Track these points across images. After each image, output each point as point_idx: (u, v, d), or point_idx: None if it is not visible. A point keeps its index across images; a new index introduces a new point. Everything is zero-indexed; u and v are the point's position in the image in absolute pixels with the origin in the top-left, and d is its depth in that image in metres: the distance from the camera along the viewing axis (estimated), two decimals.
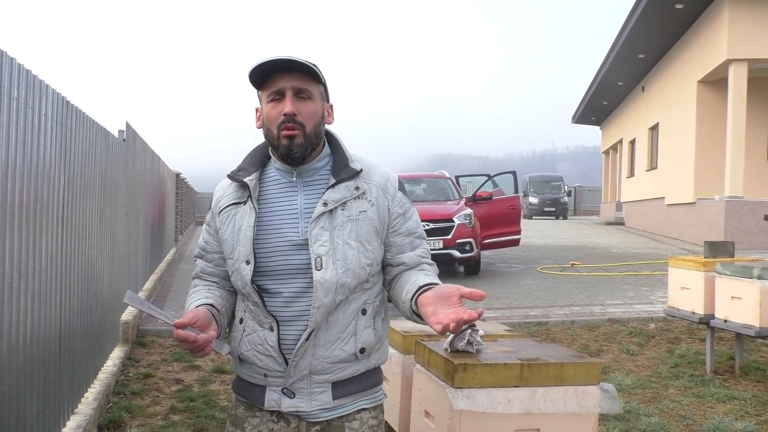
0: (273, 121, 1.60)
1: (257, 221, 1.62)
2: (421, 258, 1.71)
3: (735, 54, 12.94)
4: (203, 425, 3.96)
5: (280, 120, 1.58)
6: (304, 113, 1.60)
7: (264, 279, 1.60)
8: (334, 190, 1.61)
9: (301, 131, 1.59)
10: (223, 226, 1.67)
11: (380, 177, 1.68)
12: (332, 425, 1.63)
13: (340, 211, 1.60)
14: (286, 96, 1.59)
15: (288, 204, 1.64)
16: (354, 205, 1.62)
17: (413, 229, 1.71)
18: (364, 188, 1.64)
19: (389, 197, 1.67)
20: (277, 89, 1.59)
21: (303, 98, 1.60)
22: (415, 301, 1.56)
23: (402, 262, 1.69)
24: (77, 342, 3.61)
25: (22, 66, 2.53)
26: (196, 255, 1.78)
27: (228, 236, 1.65)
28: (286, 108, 1.57)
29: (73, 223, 3.47)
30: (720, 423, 4.00)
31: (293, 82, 1.59)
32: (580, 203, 37.26)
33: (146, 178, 7.48)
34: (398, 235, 1.69)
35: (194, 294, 1.70)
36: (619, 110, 24.64)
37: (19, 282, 2.54)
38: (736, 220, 12.89)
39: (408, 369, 2.95)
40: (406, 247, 1.69)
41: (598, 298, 7.99)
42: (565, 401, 2.38)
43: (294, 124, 1.58)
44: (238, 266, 1.62)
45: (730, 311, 4.71)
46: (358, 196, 1.62)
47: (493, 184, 11.74)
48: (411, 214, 1.72)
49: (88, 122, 3.83)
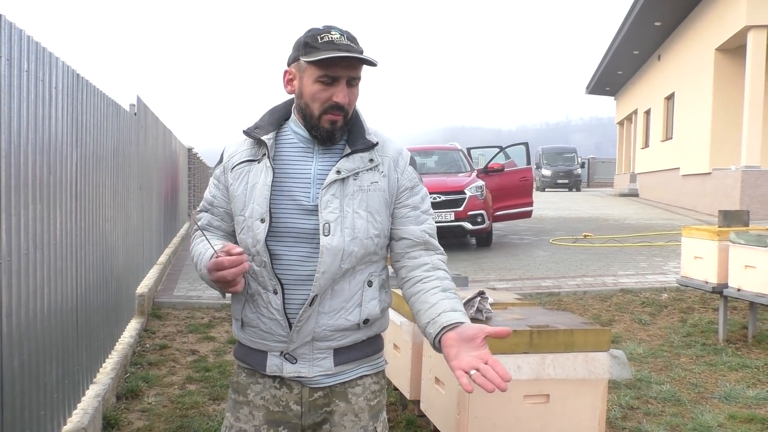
0: (319, 101, 1.59)
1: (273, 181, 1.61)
2: (425, 235, 1.69)
3: (754, 20, 12.66)
4: (219, 394, 4.03)
5: (328, 105, 1.59)
6: (353, 102, 1.63)
7: (271, 240, 1.61)
8: (349, 159, 1.62)
9: (343, 116, 1.61)
10: (235, 183, 1.66)
11: (394, 151, 1.69)
12: (335, 391, 1.65)
13: (352, 181, 1.61)
14: (339, 83, 1.58)
15: (302, 168, 1.64)
16: (366, 176, 1.62)
17: (418, 204, 1.70)
18: (378, 161, 1.65)
19: (399, 170, 1.68)
20: (335, 75, 1.57)
21: (352, 85, 1.61)
22: (439, 340, 1.54)
23: (406, 237, 1.67)
24: (93, 314, 3.67)
25: (32, 38, 2.53)
26: (200, 208, 1.77)
27: (240, 192, 1.65)
28: (341, 98, 1.58)
29: (86, 196, 3.51)
30: (731, 390, 4.01)
31: (351, 72, 1.58)
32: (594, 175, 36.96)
33: (158, 152, 7.51)
34: (403, 207, 1.69)
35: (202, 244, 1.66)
36: (634, 80, 24.27)
37: (35, 254, 2.58)
38: (752, 189, 12.74)
39: (418, 337, 2.98)
40: (411, 220, 1.69)
41: (610, 269, 7.97)
42: (574, 367, 2.40)
43: (342, 111, 1.60)
44: (251, 224, 1.61)
45: (743, 280, 4.68)
46: (371, 168, 1.63)
47: (505, 156, 11.66)
48: (419, 189, 1.72)
49: (99, 96, 3.84)
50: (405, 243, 1.69)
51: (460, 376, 1.43)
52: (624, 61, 22.17)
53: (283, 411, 1.65)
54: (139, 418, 3.68)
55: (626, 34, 18.75)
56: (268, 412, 1.66)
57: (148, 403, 3.88)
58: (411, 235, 1.68)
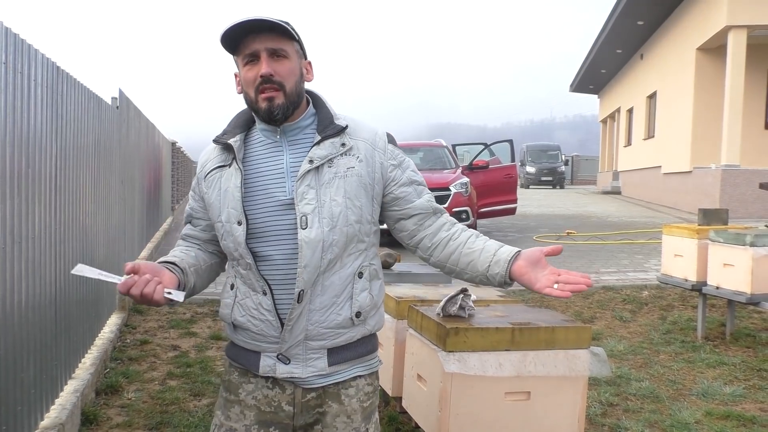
0: (250, 84, 1.58)
1: (243, 182, 1.60)
2: (432, 203, 1.71)
3: (734, 20, 12.81)
4: (200, 390, 4.01)
5: (258, 82, 1.56)
6: (282, 72, 1.57)
7: (254, 241, 1.59)
8: (320, 147, 1.59)
9: (281, 91, 1.57)
10: (209, 191, 1.65)
11: (368, 133, 1.66)
12: (328, 392, 1.63)
13: (326, 168, 1.58)
14: (261, 58, 1.56)
15: (274, 164, 1.62)
16: (341, 162, 1.60)
17: (413, 177, 1.70)
18: (351, 144, 1.62)
19: (380, 151, 1.65)
20: (251, 51, 1.56)
21: (279, 57, 1.57)
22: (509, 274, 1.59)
23: (416, 212, 1.68)
24: (73, 309, 3.63)
25: (9, 29, 2.49)
26: (184, 221, 1.78)
27: (215, 199, 1.64)
28: (262, 69, 1.55)
29: (66, 190, 3.46)
30: (709, 387, 4.06)
31: (266, 42, 1.56)
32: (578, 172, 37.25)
33: (141, 146, 7.43)
34: (402, 185, 1.67)
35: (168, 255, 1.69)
36: (617, 78, 24.46)
37: (13, 248, 2.54)
38: (732, 188, 12.91)
39: (401, 334, 2.98)
40: (413, 195, 1.68)
41: (593, 266, 8.04)
42: (555, 364, 2.42)
43: (272, 84, 1.56)
44: (229, 228, 1.60)
45: (722, 278, 4.74)
46: (344, 153, 1.60)
47: (490, 152, 11.71)
48: (407, 164, 1.70)
49: (79, 89, 3.79)
50: (417, 218, 1.69)
51: (550, 292, 1.54)
52: (607, 60, 22.34)
53: (275, 411, 1.64)
54: (118, 413, 3.65)
55: (609, 33, 18.89)
56: (260, 412, 1.64)
57: (128, 398, 3.85)
58: (420, 208, 1.69)
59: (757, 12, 12.64)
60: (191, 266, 1.66)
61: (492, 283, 1.64)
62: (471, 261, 1.64)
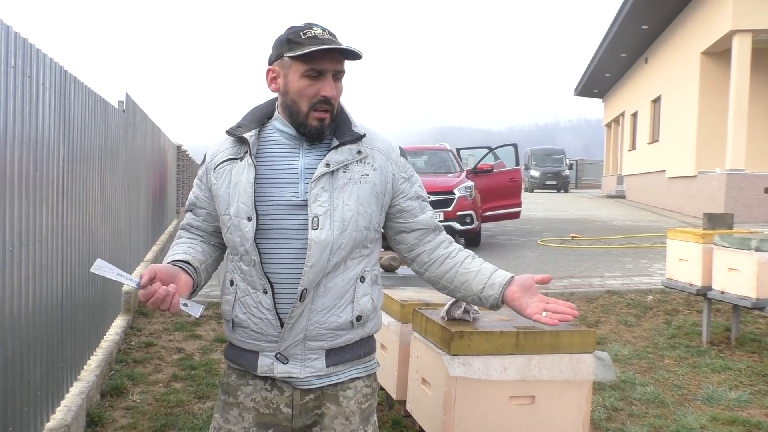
0: (306, 97, 1.59)
1: (256, 178, 1.61)
2: (434, 220, 1.76)
3: (739, 24, 12.79)
4: (204, 392, 4.02)
5: (316, 100, 1.58)
6: (338, 96, 1.62)
7: (260, 238, 1.60)
8: (337, 151, 1.61)
9: (330, 113, 1.61)
10: (218, 182, 1.66)
11: (383, 144, 1.70)
12: (326, 394, 1.64)
13: (341, 173, 1.60)
14: (326, 77, 1.58)
15: (288, 164, 1.63)
16: (356, 168, 1.62)
17: (420, 193, 1.75)
18: (367, 153, 1.65)
19: (393, 163, 1.69)
20: (321, 69, 1.57)
21: (338, 79, 1.61)
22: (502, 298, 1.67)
23: (418, 227, 1.72)
24: (79, 311, 3.65)
25: (19, 34, 2.51)
26: (186, 208, 1.78)
27: (223, 192, 1.64)
28: (328, 92, 1.58)
29: (73, 193, 3.48)
30: (714, 392, 4.05)
31: (337, 65, 1.58)
32: (582, 176, 37.18)
33: (147, 149, 7.46)
34: (408, 198, 1.72)
35: (174, 248, 1.70)
36: (621, 82, 24.43)
37: (20, 251, 2.56)
38: (737, 192, 12.87)
39: (406, 337, 2.98)
40: (418, 210, 1.73)
41: (597, 270, 8.03)
42: (560, 368, 2.42)
43: (329, 106, 1.59)
44: (237, 222, 1.60)
45: (727, 283, 4.74)
46: (360, 160, 1.63)
47: (494, 156, 11.70)
48: (416, 179, 1.76)
49: (87, 92, 3.81)
50: (418, 233, 1.73)
51: (539, 319, 1.63)
52: (612, 64, 22.32)
53: (273, 413, 1.65)
54: (123, 415, 3.66)
55: (614, 37, 18.88)
56: (258, 414, 1.65)
57: (133, 400, 3.86)
58: (422, 224, 1.73)
59: (761, 16, 12.62)
60: (202, 263, 1.69)
61: (484, 303, 1.70)
62: (466, 281, 1.70)
